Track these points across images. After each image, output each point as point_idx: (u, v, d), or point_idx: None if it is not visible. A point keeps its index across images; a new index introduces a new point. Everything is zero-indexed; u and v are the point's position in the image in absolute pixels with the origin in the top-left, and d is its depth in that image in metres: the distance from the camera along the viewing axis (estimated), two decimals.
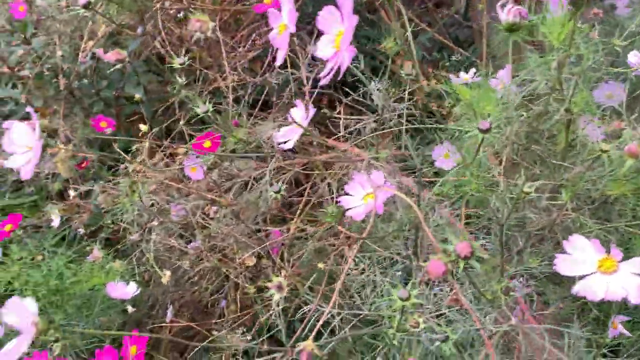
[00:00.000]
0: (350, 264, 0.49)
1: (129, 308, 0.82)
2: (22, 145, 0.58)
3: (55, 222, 1.04)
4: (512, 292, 0.45)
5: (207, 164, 0.89)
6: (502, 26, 0.54)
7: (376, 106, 1.09)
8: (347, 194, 0.52)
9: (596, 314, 0.62)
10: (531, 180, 0.51)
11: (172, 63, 1.51)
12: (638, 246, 0.62)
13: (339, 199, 0.52)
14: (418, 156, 0.80)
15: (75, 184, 1.23)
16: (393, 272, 0.59)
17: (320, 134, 1.28)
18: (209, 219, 0.99)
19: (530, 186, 0.49)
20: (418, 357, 0.47)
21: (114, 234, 1.16)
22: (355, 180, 0.51)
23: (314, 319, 0.61)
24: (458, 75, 1.01)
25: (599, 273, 0.43)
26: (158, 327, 1.04)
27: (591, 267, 0.43)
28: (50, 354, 0.77)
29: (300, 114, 0.63)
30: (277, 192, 0.63)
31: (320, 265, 0.84)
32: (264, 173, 1.15)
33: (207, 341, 0.83)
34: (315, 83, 1.38)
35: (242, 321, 0.95)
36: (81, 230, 1.04)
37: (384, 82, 0.81)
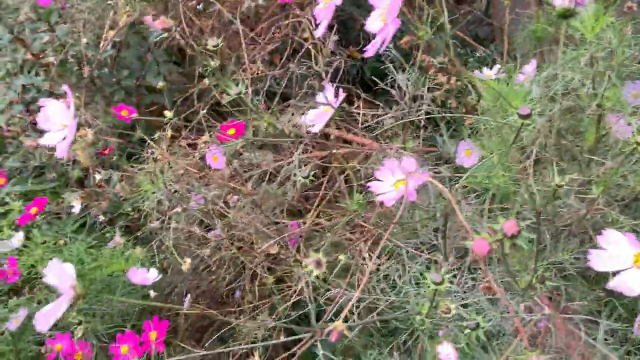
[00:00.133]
0: (378, 252, 0.49)
1: (151, 293, 0.83)
2: (57, 123, 0.58)
3: (76, 208, 1.05)
4: (548, 281, 0.44)
5: (230, 153, 0.89)
6: (556, 12, 0.53)
7: (395, 101, 1.09)
8: (377, 180, 0.52)
9: (621, 311, 0.62)
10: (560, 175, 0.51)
11: (193, 54, 1.52)
12: None
13: (368, 185, 0.52)
14: (444, 144, 0.80)
15: (95, 172, 1.25)
16: (415, 263, 0.59)
17: (337, 129, 1.28)
18: (228, 208, 0.99)
19: (563, 178, 0.48)
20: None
21: (133, 221, 1.17)
22: (386, 166, 0.51)
23: (337, 305, 0.61)
24: (481, 72, 1.01)
25: (635, 268, 0.42)
26: (174, 314, 1.05)
27: (627, 262, 0.43)
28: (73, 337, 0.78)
29: (330, 97, 0.63)
30: (306, 177, 0.63)
31: (341, 257, 0.84)
32: (282, 166, 1.15)
33: (226, 329, 0.84)
34: (334, 77, 1.39)
35: (259, 311, 0.95)
36: (101, 217, 1.05)
37: (413, 74, 0.81)
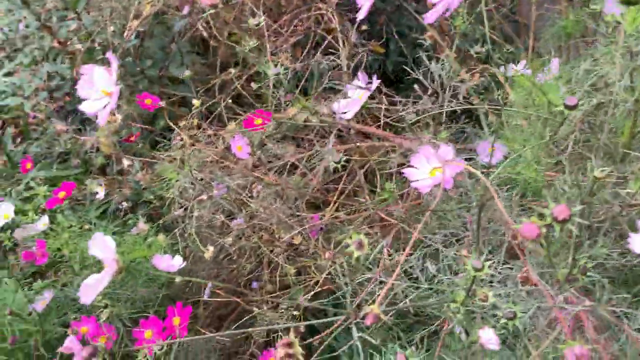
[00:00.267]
0: (416, 237, 0.49)
1: (177, 279, 0.83)
2: (99, 91, 0.58)
3: (100, 195, 1.06)
4: (589, 272, 0.44)
5: (256, 143, 0.89)
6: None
7: (418, 96, 1.08)
8: (411, 167, 0.51)
9: None
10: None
11: (216, 45, 1.52)
12: None
13: (404, 171, 0.52)
14: (466, 139, 0.79)
15: (122, 158, 1.26)
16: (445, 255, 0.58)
17: (359, 122, 1.28)
18: (250, 198, 0.99)
19: (602, 171, 0.48)
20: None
21: (154, 209, 1.18)
22: (421, 153, 0.51)
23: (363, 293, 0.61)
24: (507, 68, 1.00)
25: None
26: (194, 302, 1.06)
27: None
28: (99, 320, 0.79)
29: (363, 85, 0.62)
30: (338, 163, 0.63)
31: (356, 254, 0.84)
32: (303, 157, 1.16)
33: (247, 317, 0.84)
34: (355, 70, 1.38)
35: (280, 300, 0.95)
36: (124, 204, 1.06)
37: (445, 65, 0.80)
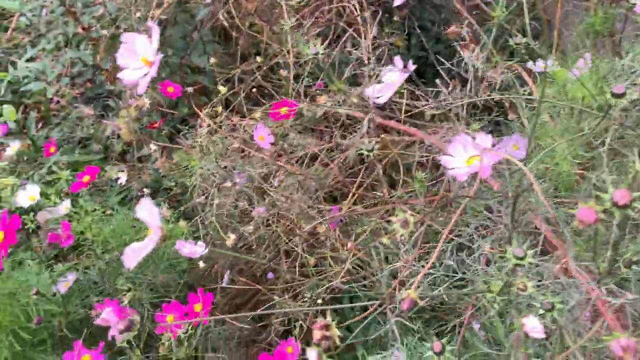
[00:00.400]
0: (454, 224, 0.49)
1: (200, 264, 0.84)
2: (139, 59, 0.59)
3: (122, 180, 1.06)
4: (634, 265, 0.43)
5: (280, 133, 0.89)
6: None
7: (438, 92, 1.07)
8: (448, 155, 0.51)
9: None
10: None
11: (237, 36, 1.51)
12: None
13: (440, 159, 0.51)
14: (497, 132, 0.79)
15: (138, 146, 1.26)
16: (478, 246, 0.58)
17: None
18: (271, 187, 0.99)
19: None
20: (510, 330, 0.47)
21: (173, 197, 1.19)
22: (458, 141, 0.50)
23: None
24: (535, 64, 0.99)
25: None
26: (210, 290, 1.06)
27: None
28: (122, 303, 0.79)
29: (398, 70, 0.62)
30: (370, 151, 0.62)
31: (386, 241, 0.84)
32: (324, 149, 1.15)
33: (266, 306, 0.84)
34: (376, 64, 1.37)
35: (299, 290, 0.95)
36: (146, 191, 1.07)
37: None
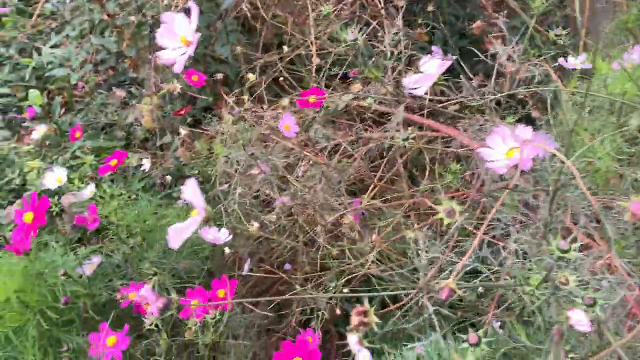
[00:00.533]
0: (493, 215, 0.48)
1: (225, 250, 0.84)
2: (177, 39, 0.59)
3: (146, 166, 1.07)
4: None
5: (306, 122, 0.89)
6: None
7: (460, 88, 1.06)
8: (486, 147, 0.50)
9: None
10: None
11: (260, 27, 1.51)
12: None
13: (478, 150, 0.51)
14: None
15: (161, 134, 1.27)
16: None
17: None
18: (295, 178, 0.99)
19: None
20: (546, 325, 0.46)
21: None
22: (496, 133, 0.50)
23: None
24: (566, 61, 0.98)
25: None
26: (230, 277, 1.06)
27: None
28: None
29: (437, 61, 0.61)
30: (405, 140, 0.62)
31: (410, 234, 0.84)
32: (348, 141, 1.15)
33: (292, 293, 0.85)
34: (398, 59, 1.37)
35: (321, 281, 0.95)
36: (168, 178, 1.07)
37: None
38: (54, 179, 0.93)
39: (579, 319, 0.38)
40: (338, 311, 0.98)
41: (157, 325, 0.67)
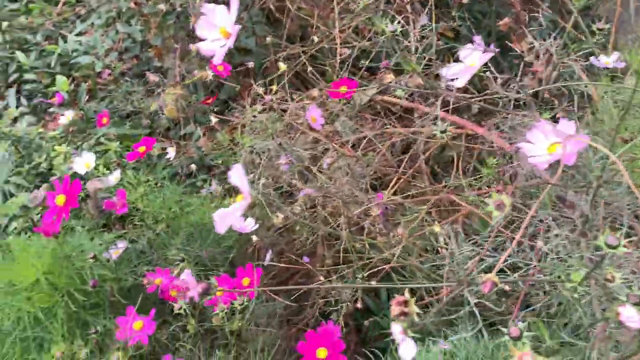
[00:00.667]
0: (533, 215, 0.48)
1: (253, 238, 0.85)
2: (217, 31, 0.59)
3: (170, 155, 1.08)
4: None
5: (332, 115, 0.89)
6: None
7: (485, 85, 1.05)
8: (527, 142, 0.50)
9: None
10: None
11: (285, 20, 1.51)
12: None
13: (519, 146, 0.50)
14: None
15: (184, 123, 1.27)
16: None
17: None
18: (319, 171, 0.99)
19: None
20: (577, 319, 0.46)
21: (216, 175, 1.20)
22: (538, 128, 0.49)
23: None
24: (598, 59, 0.97)
25: None
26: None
27: None
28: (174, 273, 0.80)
29: (479, 53, 0.61)
30: (443, 132, 0.62)
31: (437, 229, 0.83)
32: (375, 135, 1.15)
33: (318, 283, 0.85)
34: (422, 54, 1.36)
35: (344, 274, 0.95)
36: (193, 166, 1.08)
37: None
38: (83, 164, 0.94)
39: (630, 315, 0.38)
40: (359, 304, 0.98)
41: (185, 311, 0.67)
